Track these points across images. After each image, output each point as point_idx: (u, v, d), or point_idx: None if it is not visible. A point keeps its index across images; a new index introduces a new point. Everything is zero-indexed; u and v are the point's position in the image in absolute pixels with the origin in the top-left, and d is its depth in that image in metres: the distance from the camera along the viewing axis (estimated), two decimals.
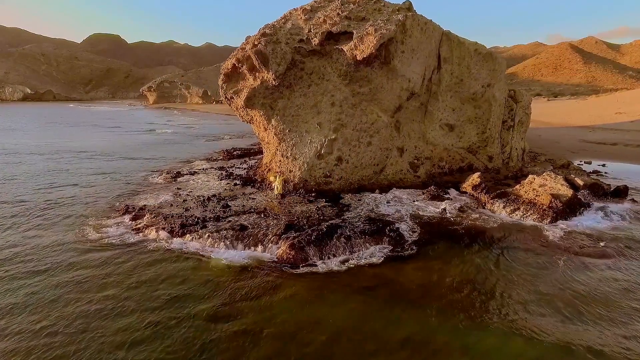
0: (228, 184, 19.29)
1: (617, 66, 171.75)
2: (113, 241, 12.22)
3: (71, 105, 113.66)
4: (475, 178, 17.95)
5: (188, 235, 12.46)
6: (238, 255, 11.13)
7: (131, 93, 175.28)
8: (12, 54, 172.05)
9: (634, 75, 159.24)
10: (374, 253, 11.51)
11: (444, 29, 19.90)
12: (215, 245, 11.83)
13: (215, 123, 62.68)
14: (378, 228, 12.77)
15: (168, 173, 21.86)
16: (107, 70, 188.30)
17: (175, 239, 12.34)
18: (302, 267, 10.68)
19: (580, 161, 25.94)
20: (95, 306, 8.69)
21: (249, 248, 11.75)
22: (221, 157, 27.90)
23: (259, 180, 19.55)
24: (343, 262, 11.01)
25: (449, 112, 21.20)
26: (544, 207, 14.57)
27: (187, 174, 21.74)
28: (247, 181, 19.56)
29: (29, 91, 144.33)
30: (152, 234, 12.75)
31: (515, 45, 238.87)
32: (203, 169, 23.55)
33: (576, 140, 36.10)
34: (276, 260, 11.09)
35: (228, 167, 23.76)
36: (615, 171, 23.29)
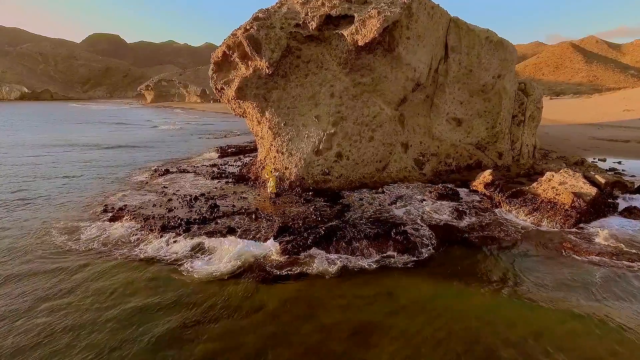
0: (219, 182, 17.87)
1: (618, 65, 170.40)
2: (77, 246, 10.70)
3: (73, 105, 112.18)
4: (487, 175, 16.54)
5: (167, 238, 11.02)
6: (222, 262, 9.69)
7: (129, 92, 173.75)
8: (10, 53, 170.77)
9: (635, 75, 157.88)
10: (377, 260, 10.09)
11: (452, 16, 18.48)
12: (197, 251, 10.40)
13: (212, 121, 61.34)
14: (383, 231, 11.34)
15: (156, 171, 20.45)
16: (106, 69, 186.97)
17: (152, 243, 10.90)
18: (295, 275, 9.26)
19: (594, 158, 24.49)
20: (24, 326, 7.21)
21: (235, 253, 10.29)
22: (215, 155, 26.55)
23: (253, 178, 18.14)
24: (342, 269, 9.58)
25: (456, 105, 19.78)
26: (566, 207, 13.14)
27: (176, 172, 20.32)
28: (240, 179, 18.15)
29: (26, 90, 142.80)
30: (126, 237, 11.32)
31: (516, 45, 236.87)
32: (194, 166, 22.13)
33: (585, 137, 34.69)
34: (267, 267, 9.66)
35: (221, 165, 22.36)
36: (633, 168, 21.84)
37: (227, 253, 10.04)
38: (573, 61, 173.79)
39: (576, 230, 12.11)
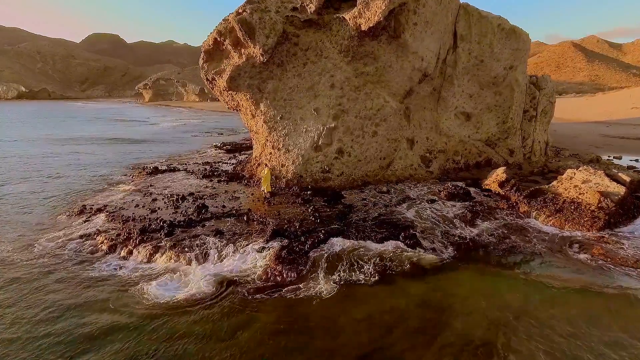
0: (211, 181, 16.57)
1: (620, 64, 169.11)
2: (21, 257, 9.29)
3: (71, 103, 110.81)
4: (500, 173, 15.24)
5: (144, 246, 9.69)
6: (202, 274, 8.36)
7: (127, 91, 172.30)
8: (8, 52, 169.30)
9: (637, 74, 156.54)
10: (383, 267, 8.80)
11: (462, 2, 17.19)
12: (175, 262, 9.07)
13: (210, 119, 60.01)
14: (390, 234, 10.06)
15: (144, 169, 19.14)
16: (104, 68, 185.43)
17: (125, 251, 9.59)
18: (291, 288, 7.97)
19: (609, 156, 23.20)
20: None
21: (220, 264, 8.99)
22: (209, 152, 25.29)
23: (247, 176, 16.85)
24: (343, 280, 8.30)
25: (465, 98, 18.48)
26: (592, 208, 11.85)
27: (166, 170, 19.00)
28: (233, 177, 16.85)
29: (23, 89, 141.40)
30: (96, 244, 10.01)
31: None
32: (186, 163, 20.83)
33: (596, 135, 33.41)
34: (257, 279, 8.37)
35: (214, 163, 21.06)
36: None
37: (211, 262, 8.74)
38: (574, 60, 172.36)
39: (605, 234, 10.81)
